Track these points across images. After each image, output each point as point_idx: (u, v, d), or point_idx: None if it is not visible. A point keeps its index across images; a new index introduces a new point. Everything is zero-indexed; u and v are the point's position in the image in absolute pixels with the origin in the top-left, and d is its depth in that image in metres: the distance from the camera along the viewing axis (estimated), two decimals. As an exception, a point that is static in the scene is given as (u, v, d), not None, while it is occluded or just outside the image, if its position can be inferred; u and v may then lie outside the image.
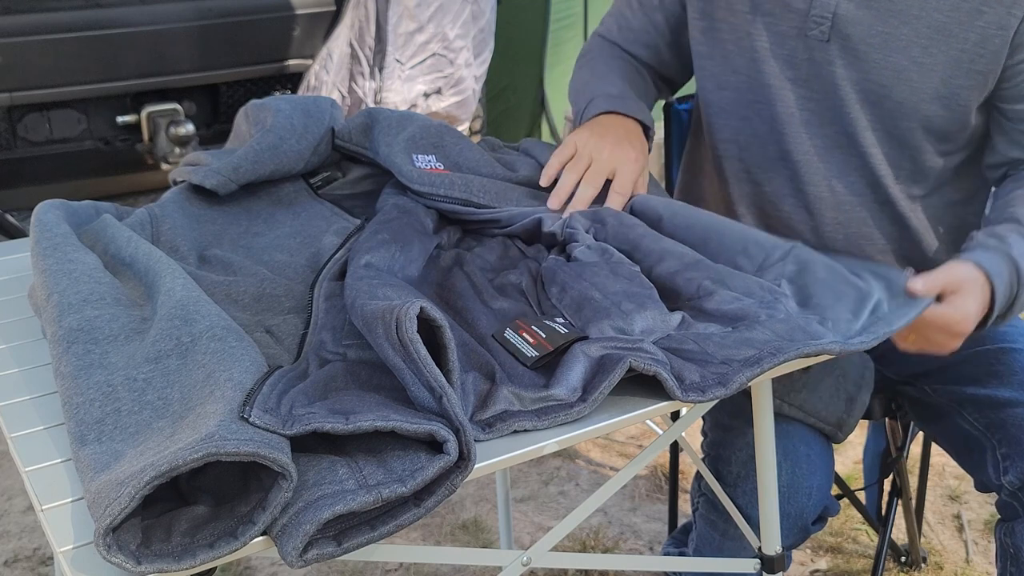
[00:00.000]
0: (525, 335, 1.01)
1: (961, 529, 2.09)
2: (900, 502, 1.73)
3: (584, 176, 1.27)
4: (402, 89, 3.11)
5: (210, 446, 0.75)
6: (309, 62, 3.04)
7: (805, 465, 1.32)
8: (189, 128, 2.85)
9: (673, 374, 0.96)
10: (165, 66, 2.81)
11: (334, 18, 3.04)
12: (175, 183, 1.33)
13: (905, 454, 1.66)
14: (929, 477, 2.12)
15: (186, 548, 0.75)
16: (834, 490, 1.43)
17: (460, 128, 3.37)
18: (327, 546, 0.79)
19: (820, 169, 1.36)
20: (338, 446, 0.85)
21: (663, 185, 1.45)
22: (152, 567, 0.74)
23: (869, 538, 2.06)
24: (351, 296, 1.00)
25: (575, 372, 0.95)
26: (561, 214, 1.23)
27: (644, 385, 0.97)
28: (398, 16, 3.01)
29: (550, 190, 1.29)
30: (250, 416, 0.81)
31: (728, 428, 1.34)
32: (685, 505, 2.04)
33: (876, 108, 1.31)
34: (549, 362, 0.99)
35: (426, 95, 3.19)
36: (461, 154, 1.33)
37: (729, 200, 1.46)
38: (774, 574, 1.27)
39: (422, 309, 0.87)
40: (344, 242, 1.21)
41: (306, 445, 0.85)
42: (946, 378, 1.39)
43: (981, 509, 2.15)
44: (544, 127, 3.70)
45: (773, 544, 1.26)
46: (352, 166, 1.40)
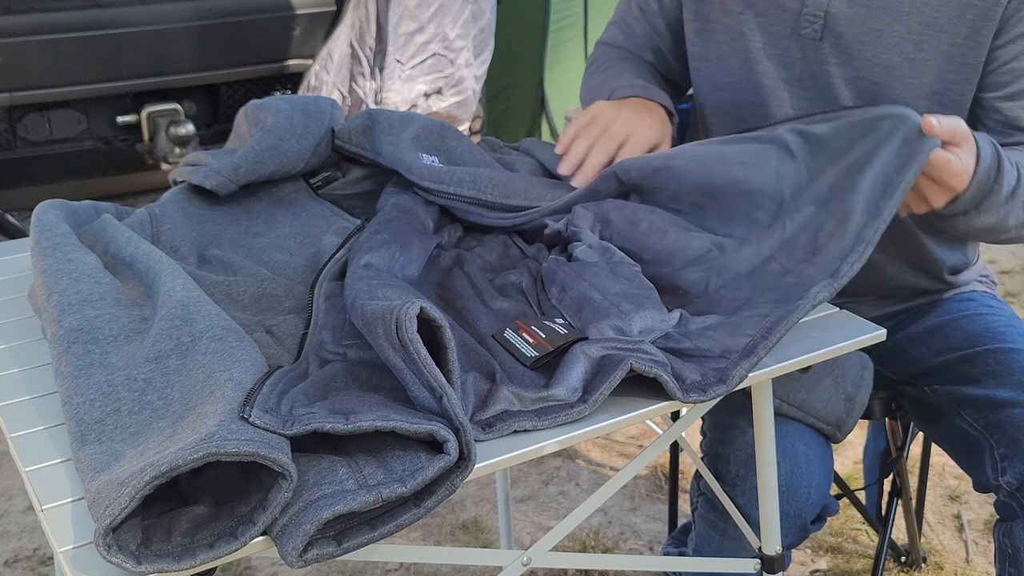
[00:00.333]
0: (525, 335, 1.01)
1: (961, 529, 2.09)
2: (900, 502, 1.73)
3: (596, 143, 1.27)
4: (402, 89, 3.11)
5: (210, 446, 0.75)
6: (309, 62, 3.04)
7: (804, 465, 1.32)
8: (189, 128, 2.85)
9: (673, 375, 0.96)
10: (165, 66, 2.81)
11: (334, 18, 3.04)
12: (175, 183, 1.33)
13: (905, 454, 1.66)
14: (929, 477, 2.12)
15: (186, 548, 0.75)
16: (834, 490, 1.43)
17: (460, 128, 3.37)
18: (327, 546, 0.79)
19: None
20: (338, 446, 0.85)
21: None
22: (152, 567, 0.74)
23: (869, 538, 2.06)
24: (351, 296, 1.00)
25: (575, 372, 0.95)
26: (564, 214, 1.23)
27: (644, 385, 0.97)
28: (398, 16, 3.01)
29: (559, 177, 1.30)
30: (250, 416, 0.81)
31: (727, 428, 1.34)
32: (685, 505, 2.04)
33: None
34: (549, 362, 0.99)
35: (426, 95, 3.19)
36: (463, 156, 1.34)
37: None
38: (774, 574, 1.27)
39: (422, 309, 0.87)
40: (344, 242, 1.21)
41: (306, 445, 0.85)
42: (945, 378, 1.39)
43: (981, 509, 2.15)
44: (544, 127, 3.70)
45: (773, 544, 1.26)
46: (352, 166, 1.40)
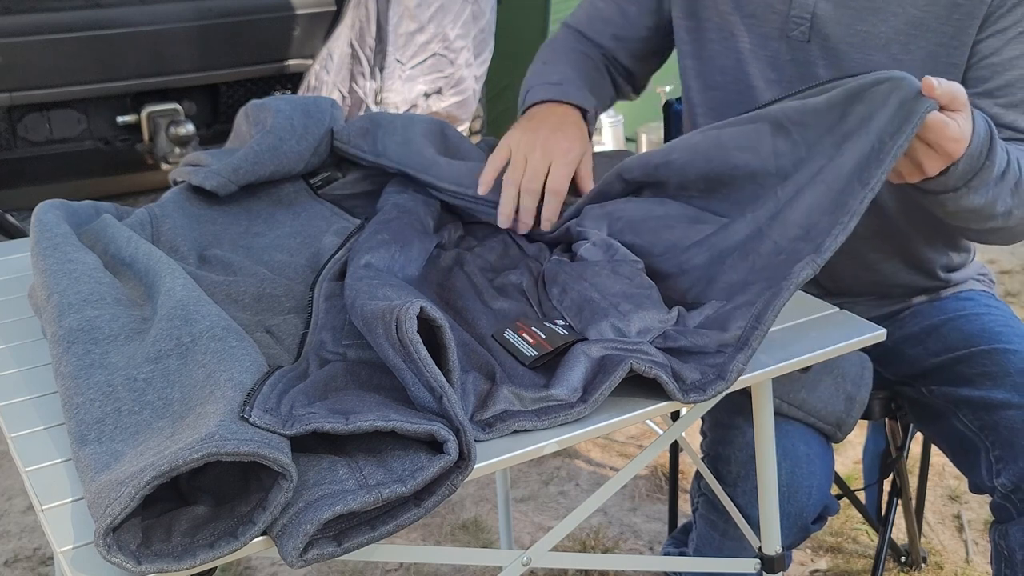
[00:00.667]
0: (525, 335, 1.01)
1: (961, 529, 2.09)
2: (900, 502, 1.73)
3: (522, 186, 1.26)
4: (402, 89, 3.11)
5: (210, 446, 0.75)
6: (309, 62, 3.04)
7: (805, 464, 1.32)
8: (189, 128, 2.85)
9: (673, 376, 0.96)
10: (165, 66, 2.81)
11: (334, 18, 3.04)
12: (175, 183, 1.34)
13: (905, 454, 1.66)
14: (929, 477, 2.12)
15: (186, 548, 0.75)
16: (834, 490, 1.43)
17: (460, 128, 3.37)
18: (327, 546, 0.79)
19: None
20: (338, 446, 0.85)
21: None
22: (152, 567, 0.74)
23: (869, 538, 2.06)
24: (351, 296, 1.00)
25: (576, 372, 0.95)
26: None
27: (644, 385, 0.97)
28: (399, 16, 3.02)
29: None
30: (250, 416, 0.81)
31: (728, 428, 1.34)
32: (685, 505, 2.04)
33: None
34: (549, 362, 0.99)
35: (426, 95, 3.19)
36: (463, 156, 1.34)
37: None
38: (774, 574, 1.27)
39: (422, 309, 0.87)
40: (344, 242, 1.21)
41: (306, 445, 0.85)
42: (942, 379, 1.39)
43: (981, 509, 2.15)
44: (544, 127, 3.69)
45: (773, 544, 1.26)
46: (352, 166, 1.40)
